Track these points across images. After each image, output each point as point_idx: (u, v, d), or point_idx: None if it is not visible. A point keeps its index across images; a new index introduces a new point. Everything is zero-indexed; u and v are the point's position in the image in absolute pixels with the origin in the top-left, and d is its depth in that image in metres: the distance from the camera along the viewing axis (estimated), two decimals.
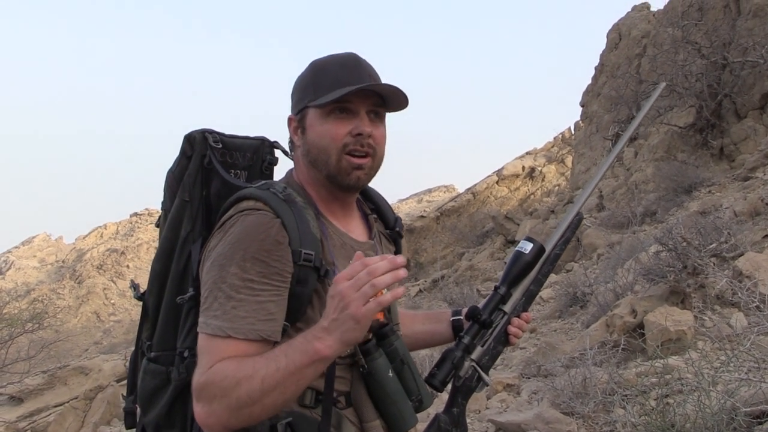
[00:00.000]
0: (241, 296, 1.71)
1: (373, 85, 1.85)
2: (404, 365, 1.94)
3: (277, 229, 1.76)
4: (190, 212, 1.97)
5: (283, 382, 1.61)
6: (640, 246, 10.09)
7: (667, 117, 18.72)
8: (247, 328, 1.69)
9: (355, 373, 1.89)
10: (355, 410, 1.89)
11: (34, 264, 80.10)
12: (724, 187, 14.33)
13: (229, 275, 1.72)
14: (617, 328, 7.38)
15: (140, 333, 2.06)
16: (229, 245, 1.76)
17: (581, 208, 2.26)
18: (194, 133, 2.01)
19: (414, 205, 62.53)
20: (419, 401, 1.96)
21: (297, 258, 1.76)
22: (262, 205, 1.80)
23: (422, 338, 2.34)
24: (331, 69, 1.90)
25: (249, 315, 1.70)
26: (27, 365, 17.83)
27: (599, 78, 26.39)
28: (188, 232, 1.96)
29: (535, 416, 6.01)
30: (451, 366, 1.97)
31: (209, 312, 1.73)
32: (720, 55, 17.06)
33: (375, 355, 1.87)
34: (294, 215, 1.80)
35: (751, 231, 9.77)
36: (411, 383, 1.94)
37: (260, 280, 1.73)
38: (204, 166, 1.99)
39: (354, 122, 1.86)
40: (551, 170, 43.96)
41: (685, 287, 7.58)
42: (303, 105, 1.93)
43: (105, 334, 60.19)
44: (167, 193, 2.04)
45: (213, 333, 1.70)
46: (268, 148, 2.17)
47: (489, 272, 21.16)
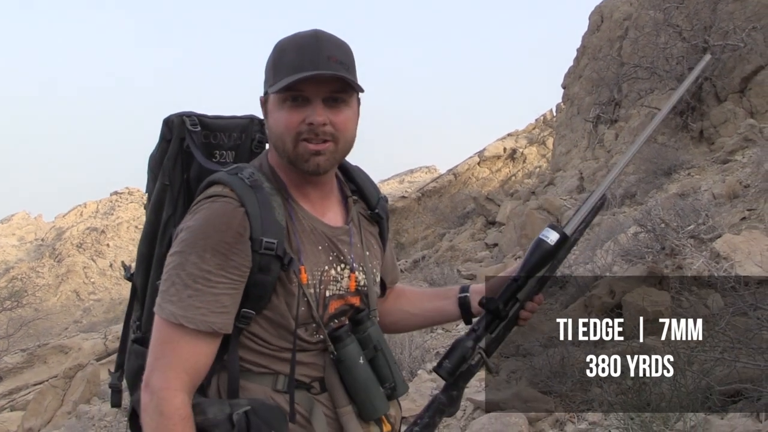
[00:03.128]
0: (197, 286, 1.72)
1: (315, 74, 1.77)
2: (378, 352, 1.94)
3: (239, 219, 1.76)
4: (171, 196, 1.98)
5: None
6: (619, 227, 10.14)
7: (648, 99, 18.73)
8: (199, 318, 1.71)
9: (327, 359, 1.89)
10: (329, 395, 1.91)
11: (13, 242, 79.54)
12: (703, 170, 14.38)
13: (189, 264, 1.73)
14: (596, 308, 7.42)
15: (130, 312, 2.09)
16: (192, 233, 1.76)
17: (606, 191, 2.23)
18: (172, 116, 2.01)
19: (395, 185, 62.49)
20: (392, 388, 1.96)
21: (257, 246, 1.76)
22: (229, 191, 1.79)
23: (430, 316, 2.33)
24: (289, 52, 1.84)
25: (203, 306, 1.72)
26: (6, 343, 17.81)
27: (581, 60, 26.38)
28: (169, 215, 1.97)
29: (513, 395, 6.06)
30: (461, 357, 1.99)
31: (165, 296, 1.75)
32: (701, 38, 17.08)
33: (346, 341, 1.88)
34: (258, 202, 1.79)
35: (729, 213, 9.83)
36: (385, 370, 1.95)
37: (218, 272, 1.74)
38: (183, 150, 2.00)
39: (307, 111, 1.81)
40: (532, 152, 43.99)
41: (662, 268, 7.63)
42: (265, 89, 1.91)
43: (85, 312, 59.88)
44: (149, 176, 2.04)
45: (167, 318, 1.73)
46: (258, 126, 2.15)
47: (469, 253, 21.19)
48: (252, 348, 1.86)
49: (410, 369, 8.59)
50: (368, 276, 2.03)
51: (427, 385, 7.47)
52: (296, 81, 1.77)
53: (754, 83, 16.43)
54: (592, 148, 22.49)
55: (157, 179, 2.00)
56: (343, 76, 1.81)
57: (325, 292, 1.91)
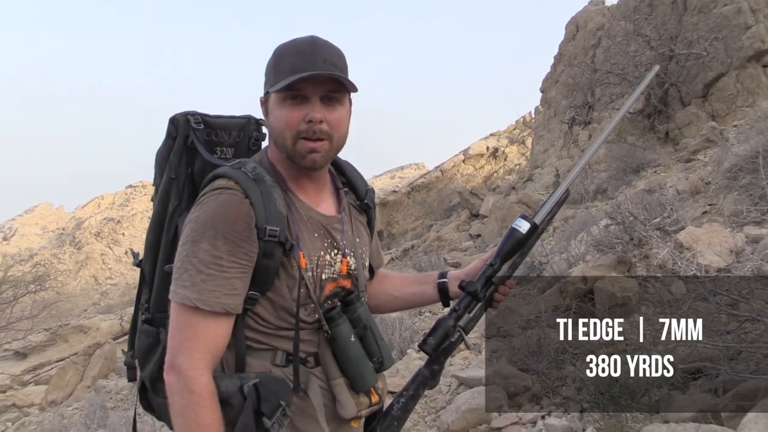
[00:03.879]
0: (210, 271, 1.74)
1: (314, 74, 1.80)
2: (367, 330, 1.98)
3: (246, 209, 1.78)
4: (177, 188, 1.99)
5: None
6: (591, 220, 10.16)
7: (619, 103, 18.73)
8: (214, 301, 1.73)
9: (322, 336, 1.92)
10: (323, 369, 1.93)
11: (37, 231, 79.31)
12: (668, 168, 14.42)
13: (201, 251, 1.75)
14: (570, 293, 7.44)
15: (139, 296, 2.09)
16: (202, 223, 1.78)
17: (569, 186, 2.30)
18: (178, 115, 2.03)
19: (387, 180, 62.44)
20: (380, 362, 2.00)
21: (262, 234, 1.79)
22: (234, 184, 1.81)
23: (411, 299, 2.36)
24: (288, 56, 1.87)
25: (216, 289, 1.74)
26: (30, 323, 17.77)
27: (558, 66, 26.37)
28: (175, 206, 1.98)
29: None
30: (444, 334, 2.06)
31: (179, 282, 1.76)
32: (667, 47, 17.12)
33: (338, 321, 1.90)
34: (261, 194, 1.81)
35: (692, 207, 9.86)
36: (373, 346, 1.99)
37: (229, 258, 1.76)
38: (188, 146, 2.02)
39: (306, 109, 1.84)
40: (513, 150, 43.98)
41: (631, 257, 7.66)
42: (266, 90, 1.92)
43: (102, 295, 59.84)
44: (157, 170, 2.06)
45: (182, 302, 1.75)
46: (254, 125, 2.17)
47: (455, 242, 21.20)
48: (254, 327, 1.89)
49: (400, 348, 8.62)
50: (358, 261, 2.06)
51: (416, 363, 7.49)
52: (297, 80, 1.80)
53: (716, 89, 16.48)
54: (567, 148, 22.52)
55: (164, 173, 2.02)
56: (338, 76, 1.84)
57: (321, 275, 1.93)
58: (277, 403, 1.78)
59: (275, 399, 1.78)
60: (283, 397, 1.80)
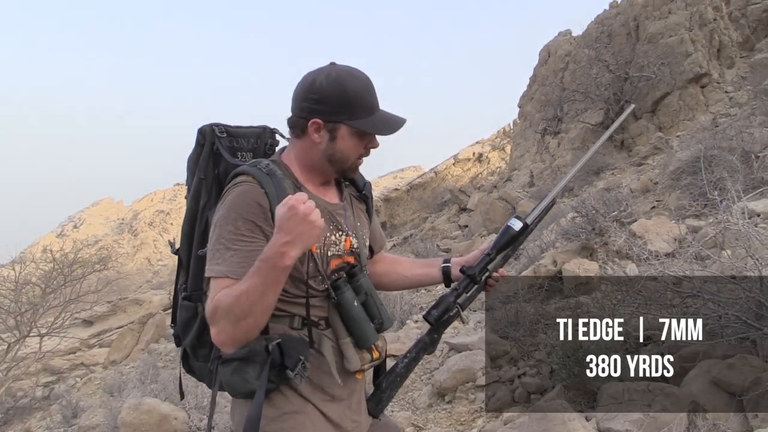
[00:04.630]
0: (236, 247, 1.76)
1: (397, 129, 1.94)
2: (368, 297, 1.97)
3: (261, 196, 1.80)
4: (206, 187, 2.00)
5: (264, 293, 1.67)
6: (560, 213, 10.15)
7: (583, 117, 18.77)
8: (240, 270, 1.73)
9: (330, 303, 1.93)
10: (333, 330, 1.94)
11: (101, 221, 79.42)
12: (623, 171, 14.42)
13: (226, 232, 1.77)
14: (542, 274, 7.45)
15: (177, 279, 2.11)
16: (225, 210, 1.80)
17: (556, 196, 2.35)
18: (204, 126, 2.04)
19: (390, 180, 62.34)
20: (380, 324, 1.99)
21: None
22: (251, 179, 1.83)
23: (418, 279, 2.36)
24: (362, 94, 1.89)
25: (242, 260, 1.74)
26: (95, 297, 17.79)
27: (533, 86, 26.29)
28: (205, 202, 1.99)
29: (479, 339, 6.10)
30: (445, 308, 2.09)
31: (213, 261, 1.78)
32: (623, 70, 17.17)
33: (343, 289, 1.91)
34: (274, 185, 1.83)
35: (643, 203, 9.86)
36: (374, 310, 1.98)
37: (249, 234, 1.77)
38: (214, 152, 2.03)
39: (366, 140, 1.94)
40: (495, 155, 43.89)
41: (593, 244, 7.66)
42: (337, 119, 1.90)
43: (154, 274, 59.90)
44: (188, 173, 2.07)
45: (216, 276, 1.76)
46: (269, 134, 2.17)
47: (446, 232, 21.25)
48: None
49: (401, 319, 8.63)
50: (360, 240, 2.07)
51: (414, 332, 7.51)
52: (385, 133, 1.95)
53: (662, 105, 16.52)
54: (540, 153, 22.49)
55: (194, 175, 2.03)
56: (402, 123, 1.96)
57: (327, 252, 1.94)
58: (298, 357, 1.80)
59: (296, 354, 1.80)
60: (303, 353, 1.81)
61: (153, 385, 9.05)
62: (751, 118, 12.14)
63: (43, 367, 16.76)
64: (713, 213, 7.31)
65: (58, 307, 15.50)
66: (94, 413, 10.64)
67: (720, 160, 8.64)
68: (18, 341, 13.68)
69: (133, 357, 16.34)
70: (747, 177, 8.11)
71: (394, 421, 2.45)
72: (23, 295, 14.87)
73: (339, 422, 1.94)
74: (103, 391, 12.92)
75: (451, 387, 5.59)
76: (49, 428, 11.63)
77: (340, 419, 1.94)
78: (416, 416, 5.41)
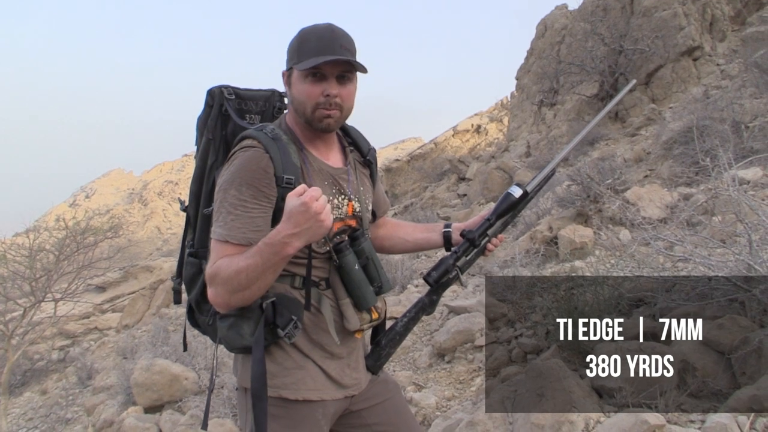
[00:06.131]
0: (237, 212, 1.76)
1: (334, 59, 1.82)
2: (369, 260, 1.97)
3: (266, 162, 1.79)
4: (214, 147, 1.99)
5: (263, 273, 1.69)
6: (556, 182, 10.13)
7: (578, 89, 18.68)
8: (240, 235, 1.75)
9: (331, 264, 1.93)
10: (333, 291, 1.95)
11: (112, 191, 79.59)
12: (617, 141, 14.38)
13: (230, 196, 1.77)
14: (538, 239, 7.45)
15: (185, 235, 2.11)
16: (230, 174, 1.80)
17: (555, 166, 2.31)
18: (214, 88, 2.03)
19: (391, 151, 62.28)
20: (379, 287, 1.99)
21: (280, 182, 1.80)
22: (257, 143, 1.82)
23: (420, 243, 2.35)
24: (311, 39, 1.86)
25: (243, 226, 1.75)
26: (108, 263, 17.83)
27: (530, 59, 26.09)
28: (213, 161, 1.98)
29: (477, 302, 6.11)
30: (445, 270, 2.09)
31: (216, 223, 1.79)
32: (618, 44, 17.06)
33: (345, 252, 1.90)
34: (279, 150, 1.82)
35: (636, 172, 9.85)
36: (374, 273, 1.98)
37: (252, 200, 1.77)
38: (222, 113, 2.01)
39: (324, 85, 1.85)
40: (493, 127, 43.75)
41: (588, 211, 7.66)
42: (289, 66, 1.91)
43: (164, 242, 60.16)
44: (197, 133, 2.05)
45: (217, 238, 1.77)
46: (278, 97, 2.16)
47: (445, 200, 21.21)
48: None
49: (402, 284, 8.66)
50: (362, 204, 2.06)
51: (415, 296, 7.53)
52: (320, 63, 1.81)
53: (656, 78, 16.44)
54: (536, 125, 22.42)
55: (203, 135, 2.02)
56: (352, 61, 1.85)
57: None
58: (290, 317, 1.82)
59: (288, 314, 1.82)
60: (295, 313, 1.83)
61: (164, 348, 9.12)
62: (742, 90, 12.09)
63: (58, 331, 16.91)
64: (704, 181, 7.31)
65: (72, 273, 15.54)
66: (108, 375, 10.74)
67: (711, 130, 8.61)
68: (33, 306, 13.74)
69: (145, 321, 16.48)
70: (737, 146, 8.08)
71: (393, 378, 2.47)
72: (38, 262, 14.90)
73: (338, 379, 1.95)
74: (117, 354, 13.05)
75: (451, 347, 5.62)
76: (65, 389, 11.76)
77: (339, 376, 1.96)
78: (417, 375, 5.44)
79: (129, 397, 7.77)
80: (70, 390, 11.33)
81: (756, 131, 8.51)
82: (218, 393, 6.07)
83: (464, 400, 4.74)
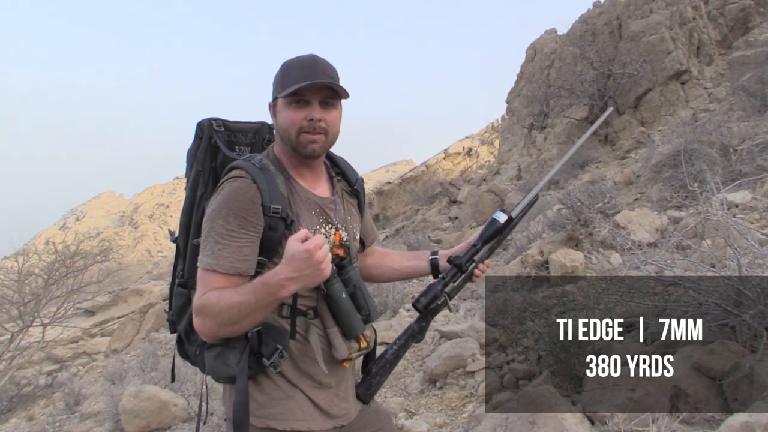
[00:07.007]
0: (225, 242, 1.77)
1: (315, 83, 1.85)
2: (356, 289, 1.96)
3: (253, 192, 1.81)
4: (203, 179, 2.00)
5: (254, 312, 1.70)
6: (547, 205, 10.16)
7: (568, 112, 18.80)
8: (227, 265, 1.76)
9: (319, 293, 1.92)
10: (320, 320, 1.94)
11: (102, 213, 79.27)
12: (607, 164, 14.45)
13: (217, 226, 1.78)
14: (529, 263, 7.45)
15: (175, 266, 2.11)
16: (218, 204, 1.81)
17: (539, 192, 2.35)
18: (203, 120, 2.05)
19: (383, 173, 62.36)
20: (367, 315, 1.98)
21: (267, 211, 1.81)
22: (245, 173, 1.83)
23: (407, 271, 2.36)
24: (294, 69, 1.89)
25: (230, 256, 1.77)
26: (97, 287, 17.75)
27: (520, 83, 26.29)
28: (202, 193, 1.98)
29: (469, 327, 6.10)
30: (434, 296, 2.10)
31: (204, 252, 1.79)
32: (606, 68, 17.22)
33: (333, 281, 1.89)
34: (266, 180, 1.84)
35: (626, 195, 9.89)
36: (362, 302, 1.96)
37: (239, 230, 1.78)
38: (211, 145, 2.02)
39: (308, 110, 1.88)
40: (484, 150, 43.99)
41: (578, 235, 7.67)
42: (274, 96, 1.94)
43: (155, 265, 59.86)
44: (187, 165, 2.06)
45: (204, 267, 1.78)
46: (267, 129, 2.18)
47: (437, 223, 21.22)
48: None
49: (393, 308, 8.63)
50: (349, 234, 2.07)
51: (406, 320, 7.50)
52: (301, 87, 1.84)
53: (644, 101, 16.58)
54: (527, 148, 22.52)
55: (193, 166, 2.03)
56: (334, 85, 1.88)
57: None
58: (275, 346, 1.82)
59: (273, 343, 1.82)
60: (281, 342, 1.83)
61: (153, 373, 9.04)
62: (730, 113, 12.19)
63: (46, 355, 16.73)
64: (693, 204, 7.33)
65: (61, 297, 15.45)
66: (95, 400, 10.62)
67: (700, 154, 8.67)
68: (21, 331, 13.63)
69: (134, 345, 16.33)
70: (725, 170, 8.14)
71: (384, 407, 2.46)
72: (26, 286, 14.81)
73: (327, 409, 1.94)
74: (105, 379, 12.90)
75: (442, 373, 5.59)
76: (52, 415, 11.61)
77: (328, 406, 1.95)
78: (408, 401, 5.41)
79: (117, 424, 7.68)
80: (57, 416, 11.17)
81: (744, 154, 8.57)
82: (208, 420, 6.01)
83: (456, 428, 4.71)
